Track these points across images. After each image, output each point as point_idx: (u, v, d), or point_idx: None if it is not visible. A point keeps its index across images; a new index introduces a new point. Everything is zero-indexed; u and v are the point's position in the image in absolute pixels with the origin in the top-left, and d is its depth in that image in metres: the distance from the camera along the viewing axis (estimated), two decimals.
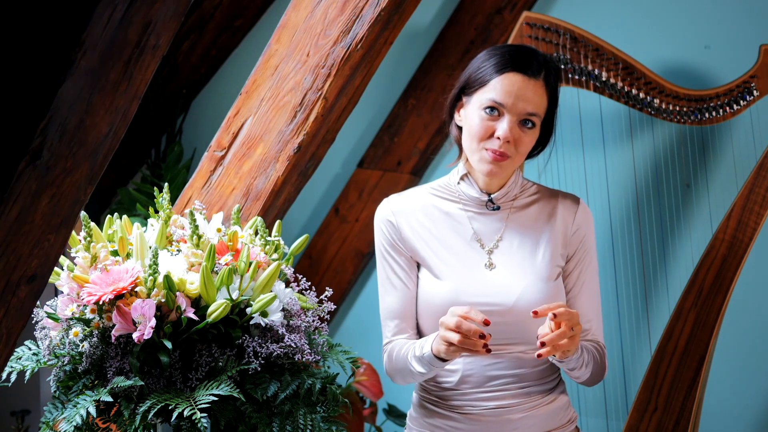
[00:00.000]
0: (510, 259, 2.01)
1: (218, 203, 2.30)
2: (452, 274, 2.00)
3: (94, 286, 1.76)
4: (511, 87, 1.94)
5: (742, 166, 3.04)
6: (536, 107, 1.95)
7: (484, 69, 1.97)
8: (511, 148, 1.94)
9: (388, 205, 2.07)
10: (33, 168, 1.26)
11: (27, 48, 1.22)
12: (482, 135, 1.95)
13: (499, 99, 1.94)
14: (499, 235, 2.03)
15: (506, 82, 1.94)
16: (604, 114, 3.17)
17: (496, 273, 2.00)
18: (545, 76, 1.97)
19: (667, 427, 2.90)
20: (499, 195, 2.03)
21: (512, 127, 1.93)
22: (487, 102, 1.95)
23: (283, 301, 1.84)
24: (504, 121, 1.94)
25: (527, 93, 1.94)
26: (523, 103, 1.94)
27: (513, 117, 1.94)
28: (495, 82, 1.95)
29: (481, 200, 2.04)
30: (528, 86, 1.94)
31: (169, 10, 1.30)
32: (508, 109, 1.94)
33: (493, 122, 1.94)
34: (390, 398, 3.35)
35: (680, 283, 3.08)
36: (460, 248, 2.02)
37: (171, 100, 3.90)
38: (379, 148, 3.67)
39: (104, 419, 1.79)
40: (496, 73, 1.95)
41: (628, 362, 3.20)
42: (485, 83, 1.96)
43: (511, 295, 1.97)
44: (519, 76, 1.94)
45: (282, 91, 2.31)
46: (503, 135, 1.93)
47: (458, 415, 2.01)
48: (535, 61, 1.96)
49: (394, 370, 2.04)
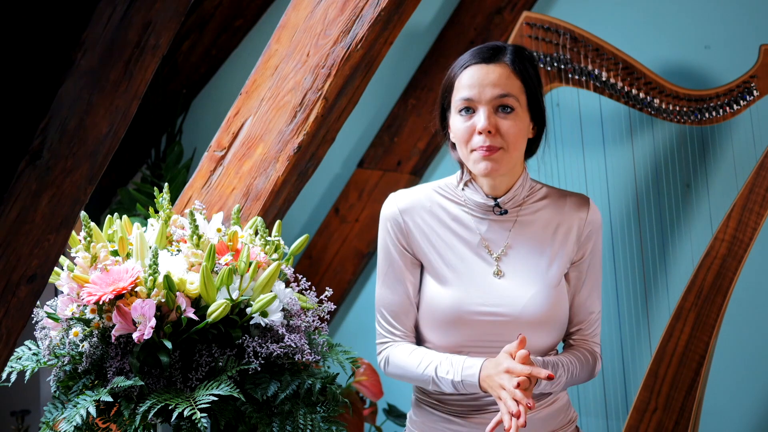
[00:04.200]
0: (519, 268, 1.99)
1: (218, 203, 2.30)
2: (458, 282, 1.98)
3: (94, 286, 1.76)
4: (473, 78, 1.93)
5: (742, 166, 3.04)
6: (505, 88, 1.92)
7: (449, 76, 1.98)
8: (498, 139, 1.92)
9: (396, 202, 2.03)
10: (33, 168, 1.25)
11: (27, 48, 1.22)
12: (466, 137, 1.94)
13: (465, 94, 1.93)
14: (507, 241, 2.00)
15: (467, 75, 1.94)
16: (604, 114, 3.17)
17: (504, 281, 1.97)
18: (509, 58, 1.95)
19: (667, 427, 2.90)
20: (505, 199, 1.99)
21: (488, 116, 1.91)
22: (458, 103, 1.94)
23: (283, 301, 1.84)
24: (479, 114, 1.92)
25: (490, 77, 1.92)
26: (489, 89, 1.92)
27: (486, 107, 1.92)
28: (458, 82, 1.95)
29: (487, 206, 2.00)
30: (489, 71, 1.93)
31: (169, 10, 1.30)
32: (477, 101, 1.93)
33: (470, 120, 1.93)
34: (390, 398, 3.35)
35: (680, 283, 3.08)
36: (468, 254, 1.99)
37: (171, 100, 3.90)
38: (379, 148, 3.67)
39: (104, 419, 1.79)
40: (459, 72, 1.96)
41: (628, 362, 3.20)
42: (452, 87, 1.96)
43: (518, 304, 1.95)
44: (478, 66, 1.94)
45: (282, 91, 2.31)
46: (482, 126, 1.91)
47: (458, 418, 2.00)
48: (493, 49, 1.96)
49: (398, 374, 2.02)
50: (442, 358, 1.95)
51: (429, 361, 1.95)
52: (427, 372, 1.95)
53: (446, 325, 1.97)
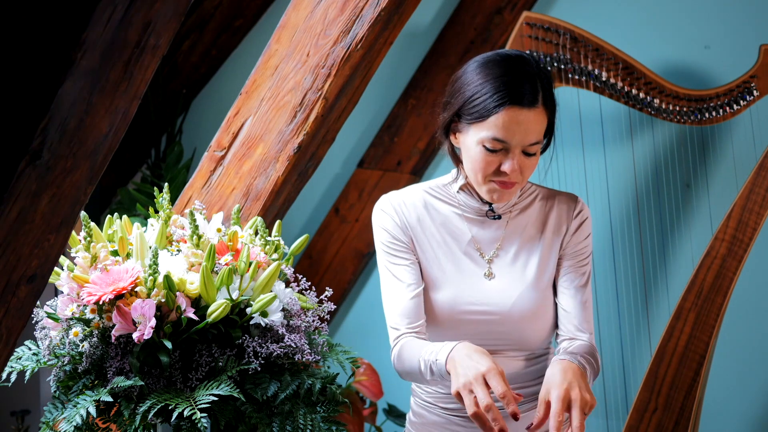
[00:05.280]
0: (509, 268, 1.98)
1: (218, 203, 2.30)
2: (449, 284, 1.97)
3: (94, 286, 1.76)
4: (512, 123, 1.85)
5: (742, 166, 3.04)
6: (538, 135, 1.88)
7: (479, 100, 1.87)
8: (517, 176, 1.89)
9: (389, 201, 2.01)
10: (33, 168, 1.25)
11: (27, 48, 1.22)
12: (487, 171, 1.89)
13: (500, 137, 1.86)
14: (498, 243, 2.00)
15: (506, 119, 1.85)
16: (604, 114, 3.18)
17: (495, 282, 1.97)
18: (542, 98, 1.88)
19: (667, 427, 2.90)
20: (500, 204, 1.99)
21: (517, 160, 1.87)
22: (488, 140, 1.87)
23: (283, 301, 1.84)
24: (509, 157, 1.87)
25: (529, 126, 1.86)
26: (524, 136, 1.86)
27: (517, 150, 1.87)
28: (494, 119, 1.85)
29: (481, 209, 2.00)
30: (529, 118, 1.86)
31: (169, 10, 1.30)
32: (511, 145, 1.86)
33: (496, 157, 1.88)
34: (390, 398, 3.35)
35: (680, 283, 3.08)
36: (459, 256, 1.99)
37: (171, 100, 3.90)
38: (379, 148, 3.67)
39: (104, 419, 1.79)
40: (493, 108, 1.85)
41: (628, 362, 3.20)
42: (483, 118, 1.87)
43: (507, 301, 1.95)
44: (519, 111, 1.85)
45: (282, 91, 2.31)
46: (509, 170, 1.87)
47: (456, 418, 2.00)
48: (530, 86, 1.86)
49: (402, 371, 1.97)
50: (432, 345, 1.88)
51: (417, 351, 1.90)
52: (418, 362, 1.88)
53: (440, 326, 1.98)
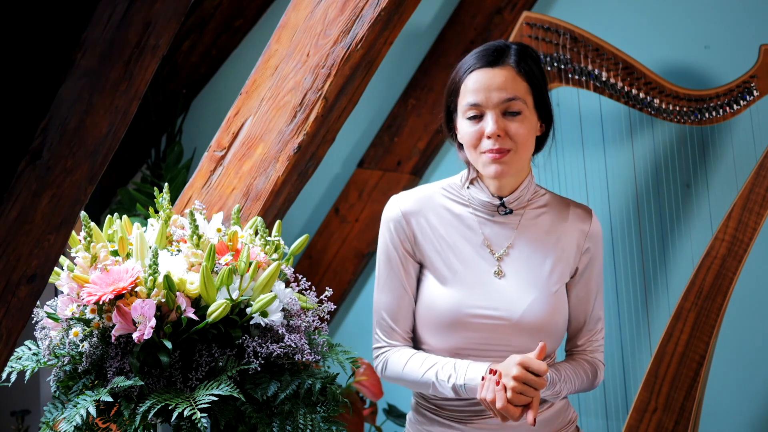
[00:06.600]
0: (520, 269, 1.98)
1: (218, 203, 2.30)
2: (459, 282, 1.97)
3: (94, 286, 1.76)
4: (479, 83, 1.93)
5: (742, 166, 3.04)
6: (512, 91, 1.92)
7: (454, 79, 1.98)
8: (507, 141, 1.92)
9: (398, 204, 2.02)
10: (33, 168, 1.25)
11: (27, 48, 1.22)
12: (475, 141, 1.94)
13: (472, 100, 1.93)
14: (510, 242, 2.00)
15: (473, 80, 1.94)
16: (604, 114, 3.18)
17: (505, 282, 1.97)
18: (513, 60, 1.94)
19: (667, 427, 2.90)
20: (511, 198, 2.00)
21: (496, 120, 1.91)
22: (465, 108, 1.94)
23: (283, 301, 1.84)
24: (487, 118, 1.92)
25: (496, 81, 1.92)
26: (496, 93, 1.92)
27: (493, 111, 1.92)
28: (464, 87, 1.95)
29: (492, 204, 2.00)
30: (495, 75, 1.93)
31: (169, 10, 1.30)
32: (484, 106, 1.92)
33: (479, 125, 1.93)
34: (390, 398, 3.35)
35: (680, 283, 3.08)
36: (469, 254, 1.99)
37: (171, 100, 3.90)
38: (379, 148, 3.67)
39: (104, 419, 1.79)
40: (463, 75, 1.95)
41: (628, 362, 3.20)
42: (458, 92, 1.96)
43: (517, 309, 1.95)
44: (483, 71, 1.93)
45: (282, 91, 2.31)
46: (490, 131, 1.91)
47: (458, 423, 1.99)
48: (496, 51, 1.95)
49: (396, 378, 2.00)
50: (444, 361, 1.94)
51: (430, 365, 1.94)
52: (427, 375, 1.94)
53: (445, 327, 1.96)
